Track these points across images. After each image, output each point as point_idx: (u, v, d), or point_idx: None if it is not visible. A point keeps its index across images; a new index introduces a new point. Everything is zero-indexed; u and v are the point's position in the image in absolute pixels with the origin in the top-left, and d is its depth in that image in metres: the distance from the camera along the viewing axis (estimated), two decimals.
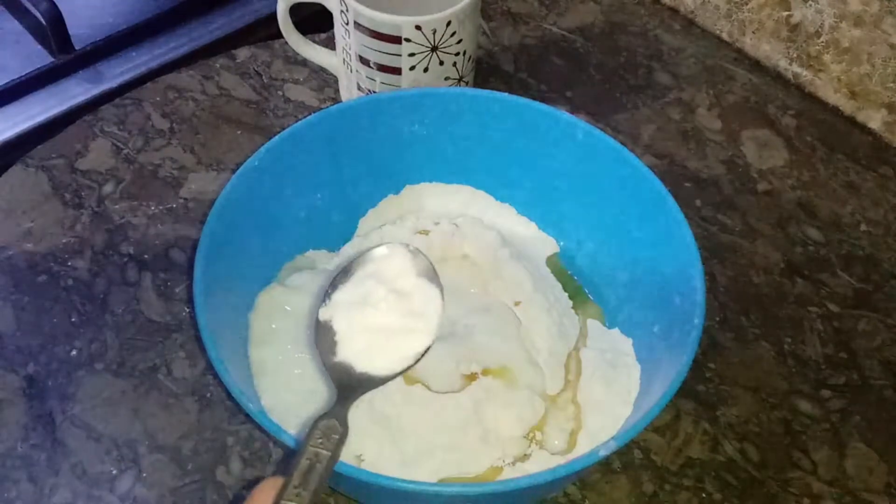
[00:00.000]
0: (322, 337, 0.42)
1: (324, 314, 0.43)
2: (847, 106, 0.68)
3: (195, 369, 0.52)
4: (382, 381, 0.41)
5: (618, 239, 0.52)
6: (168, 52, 0.74)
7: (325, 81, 0.68)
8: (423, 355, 0.42)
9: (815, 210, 0.62)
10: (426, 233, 0.53)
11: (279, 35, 0.64)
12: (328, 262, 0.53)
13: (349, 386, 0.40)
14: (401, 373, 0.41)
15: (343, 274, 0.44)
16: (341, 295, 0.43)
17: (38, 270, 0.56)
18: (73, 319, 0.54)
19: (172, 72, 0.68)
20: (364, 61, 0.59)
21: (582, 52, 0.71)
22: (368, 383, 0.41)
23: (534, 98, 0.53)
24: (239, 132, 0.64)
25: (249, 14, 0.77)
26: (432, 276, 0.44)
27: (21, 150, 0.63)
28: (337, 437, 0.36)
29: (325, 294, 0.43)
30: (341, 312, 0.43)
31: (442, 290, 0.43)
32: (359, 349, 0.42)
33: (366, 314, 0.42)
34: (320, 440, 0.35)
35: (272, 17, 0.63)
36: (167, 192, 0.61)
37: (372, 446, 0.44)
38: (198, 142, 0.64)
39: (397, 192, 0.56)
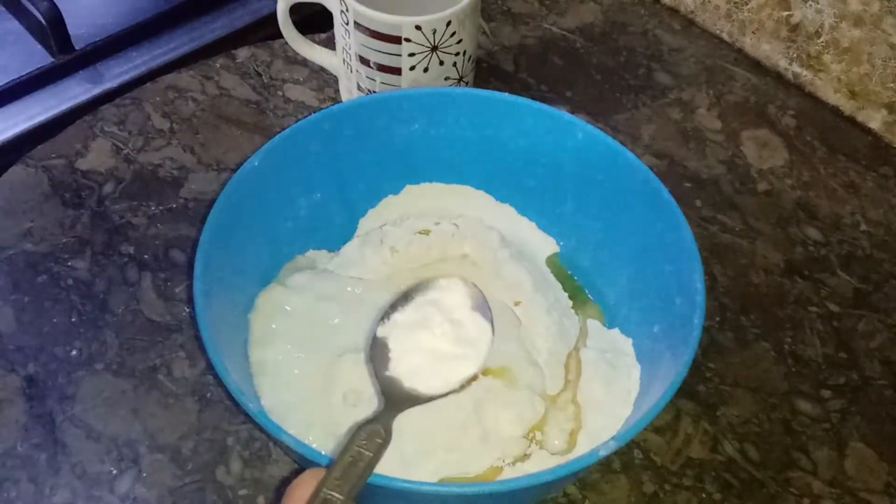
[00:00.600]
0: (377, 352, 0.44)
1: (381, 332, 0.45)
2: (847, 106, 0.68)
3: (195, 369, 0.52)
4: (428, 399, 0.43)
5: (617, 239, 0.52)
6: (168, 52, 0.74)
7: (325, 81, 0.68)
8: (468, 382, 0.44)
9: (815, 210, 0.62)
10: (426, 233, 0.53)
11: (279, 35, 0.64)
12: (328, 262, 0.53)
13: (397, 398, 0.42)
14: (446, 395, 0.44)
15: (403, 298, 0.46)
16: (401, 316, 0.46)
17: (38, 270, 0.56)
18: (73, 319, 0.54)
19: (172, 72, 0.68)
20: (364, 61, 0.59)
21: (582, 52, 0.71)
22: (415, 399, 0.43)
23: (534, 98, 0.53)
24: (239, 132, 0.64)
25: (249, 14, 0.77)
26: (486, 311, 0.46)
27: (21, 150, 0.63)
28: (380, 441, 0.38)
29: (385, 314, 0.46)
30: (398, 332, 0.45)
31: (493, 326, 0.46)
32: (410, 367, 0.44)
33: (421, 336, 0.45)
34: (364, 441, 0.37)
35: (272, 17, 0.63)
36: (167, 192, 0.61)
37: None
38: (198, 142, 0.64)
39: (397, 192, 0.56)
